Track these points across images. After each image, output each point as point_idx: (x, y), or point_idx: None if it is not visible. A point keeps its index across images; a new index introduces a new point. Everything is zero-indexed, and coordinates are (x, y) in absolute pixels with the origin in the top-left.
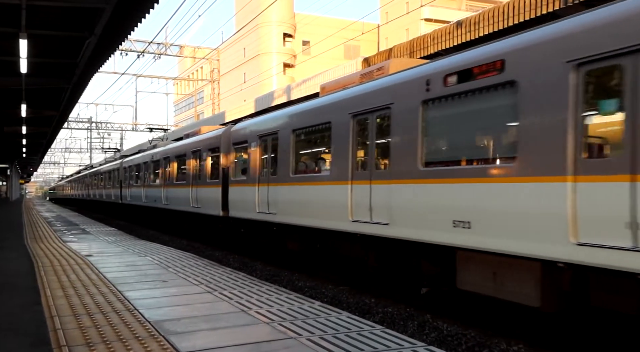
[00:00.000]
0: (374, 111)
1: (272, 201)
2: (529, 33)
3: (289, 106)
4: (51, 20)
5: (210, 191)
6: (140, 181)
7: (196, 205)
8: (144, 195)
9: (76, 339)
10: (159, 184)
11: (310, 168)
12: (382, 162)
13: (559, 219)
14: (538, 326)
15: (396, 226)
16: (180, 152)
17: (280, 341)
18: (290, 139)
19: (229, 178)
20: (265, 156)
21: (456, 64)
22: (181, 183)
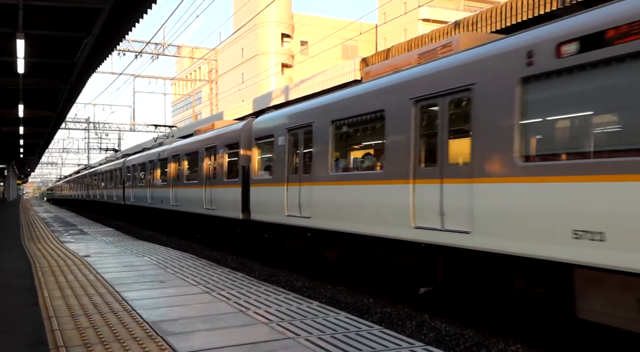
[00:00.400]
0: (446, 95)
1: (305, 202)
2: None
3: (316, 97)
4: (48, 20)
5: (228, 191)
6: (146, 181)
7: (210, 207)
8: (149, 195)
9: (74, 340)
10: (166, 184)
11: (355, 165)
12: (457, 156)
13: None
14: (536, 326)
15: (482, 236)
16: (192, 149)
17: (278, 341)
18: (328, 131)
19: (250, 177)
20: (296, 152)
21: (577, 28)
22: (192, 183)
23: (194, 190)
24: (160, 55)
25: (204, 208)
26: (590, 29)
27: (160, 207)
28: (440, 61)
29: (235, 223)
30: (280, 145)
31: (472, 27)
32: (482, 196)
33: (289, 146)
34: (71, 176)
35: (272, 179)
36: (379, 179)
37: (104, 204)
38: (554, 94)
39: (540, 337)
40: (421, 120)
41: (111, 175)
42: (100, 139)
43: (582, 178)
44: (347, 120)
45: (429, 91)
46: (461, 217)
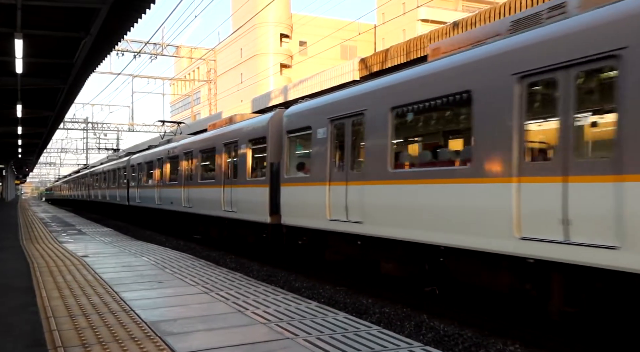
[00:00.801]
0: (576, 65)
1: (355, 205)
2: None
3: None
4: (47, 20)
5: (252, 191)
6: (153, 180)
7: (230, 209)
8: (157, 196)
9: (72, 340)
10: (177, 183)
11: (424, 160)
12: (591, 146)
13: None
14: (534, 326)
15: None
16: (207, 145)
17: (277, 342)
18: (387, 120)
19: (281, 175)
20: (341, 146)
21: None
22: (208, 182)
23: (210, 190)
24: (159, 56)
25: (222, 210)
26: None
27: (170, 209)
28: (563, 23)
29: (261, 227)
30: (320, 138)
31: (470, 27)
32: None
33: (331, 139)
34: (71, 175)
35: (310, 177)
36: (464, 177)
37: (106, 204)
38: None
39: (538, 337)
40: (530, 101)
41: (114, 174)
42: (99, 139)
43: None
44: (413, 106)
45: (543, 63)
46: (600, 227)
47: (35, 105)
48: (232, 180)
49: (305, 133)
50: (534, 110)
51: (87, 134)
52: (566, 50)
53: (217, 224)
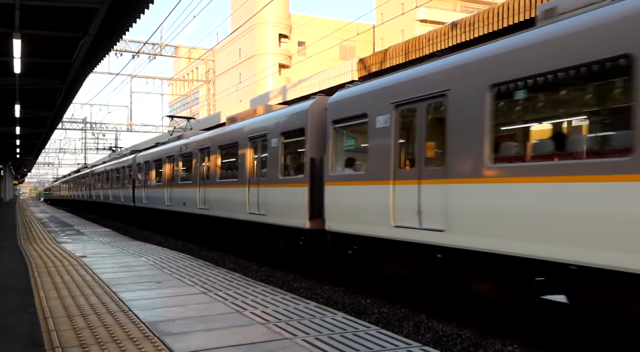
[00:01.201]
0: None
1: (433, 209)
2: None
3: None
4: (45, 20)
5: (287, 192)
6: (163, 180)
7: (257, 211)
8: (168, 197)
9: (70, 341)
10: (191, 183)
11: (544, 150)
12: None
13: None
14: (533, 326)
15: None
16: (228, 140)
17: (275, 342)
18: (483, 101)
19: (325, 173)
20: (409, 136)
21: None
22: (229, 182)
23: (231, 190)
24: (158, 56)
25: (247, 213)
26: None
27: (183, 211)
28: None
29: (296, 233)
30: (381, 127)
31: (469, 28)
32: None
33: (396, 129)
34: (70, 175)
35: (365, 175)
36: (620, 173)
37: (108, 205)
38: None
39: (537, 337)
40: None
41: (118, 173)
42: (97, 140)
43: None
44: (529, 80)
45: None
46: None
47: (34, 105)
48: (260, 179)
49: (359, 122)
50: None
51: (86, 134)
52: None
53: (239, 228)
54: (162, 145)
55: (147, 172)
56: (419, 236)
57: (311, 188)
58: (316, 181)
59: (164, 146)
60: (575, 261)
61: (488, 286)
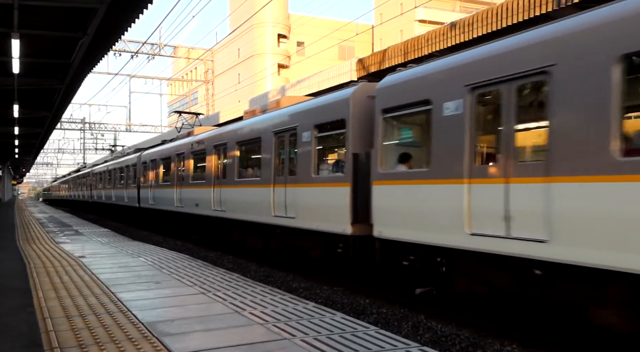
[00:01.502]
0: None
1: (528, 213)
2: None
3: None
4: (44, 20)
5: (322, 192)
6: (172, 179)
7: (284, 214)
8: (177, 197)
9: (69, 341)
10: (205, 182)
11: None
12: None
13: None
14: (531, 327)
15: None
16: (248, 135)
17: (274, 342)
18: (609, 78)
19: (372, 170)
20: (493, 124)
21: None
22: (250, 181)
23: (252, 191)
24: (157, 56)
25: (272, 216)
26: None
27: (194, 213)
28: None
29: (333, 239)
30: (450, 115)
31: (468, 28)
32: None
33: (471, 116)
34: (70, 174)
35: (430, 172)
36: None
37: (110, 206)
38: None
39: (536, 338)
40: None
41: (121, 173)
42: (96, 140)
43: None
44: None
45: None
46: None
47: (32, 105)
48: (288, 178)
49: (418, 110)
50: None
51: (85, 134)
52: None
53: (261, 232)
54: (170, 143)
55: (154, 171)
56: (506, 247)
57: (354, 188)
58: (360, 180)
59: (173, 143)
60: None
61: (614, 314)
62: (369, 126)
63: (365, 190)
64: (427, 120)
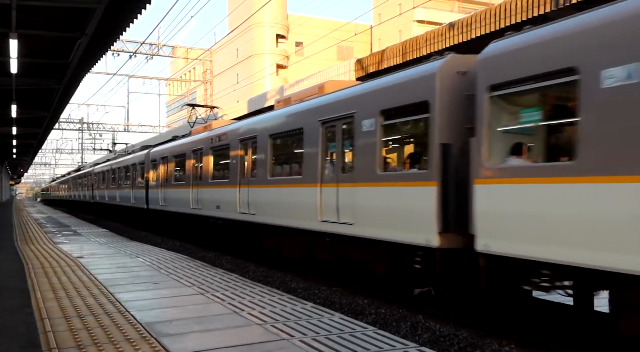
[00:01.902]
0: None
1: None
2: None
3: None
4: (42, 20)
5: (393, 193)
6: (187, 178)
7: (337, 219)
8: (194, 198)
9: (67, 342)
10: (228, 181)
11: None
12: None
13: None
14: (530, 327)
15: None
16: (285, 126)
17: (272, 342)
18: None
19: (475, 165)
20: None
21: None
22: (289, 180)
23: (292, 191)
24: (155, 56)
25: (320, 221)
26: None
27: (215, 216)
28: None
29: (407, 251)
30: (614, 87)
31: (466, 28)
32: None
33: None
34: (70, 174)
35: (577, 166)
36: None
37: (115, 207)
38: None
39: (534, 338)
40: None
41: (127, 172)
42: (94, 140)
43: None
44: None
45: None
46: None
47: (30, 105)
48: (341, 175)
49: (554, 83)
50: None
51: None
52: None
53: (301, 240)
54: (184, 138)
55: (165, 169)
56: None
57: (443, 187)
58: (451, 178)
59: (187, 139)
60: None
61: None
62: (461, 109)
63: (459, 190)
64: (568, 95)
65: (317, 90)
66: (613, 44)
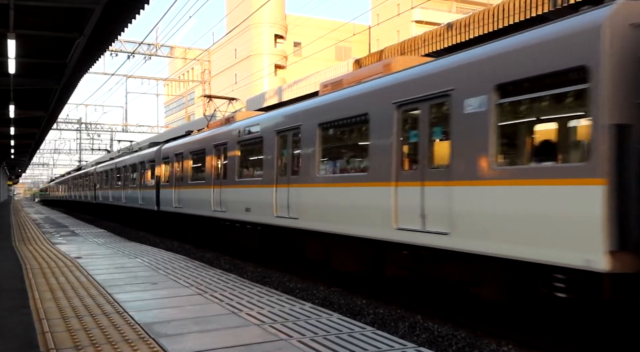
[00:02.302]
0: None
1: None
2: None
3: None
4: (40, 20)
5: (525, 194)
6: (208, 177)
7: (421, 227)
8: (216, 200)
9: (65, 342)
10: (261, 180)
11: None
12: None
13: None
14: (528, 327)
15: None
16: (344, 112)
17: (271, 343)
18: None
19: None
20: None
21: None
22: (345, 178)
23: (350, 191)
24: (153, 56)
25: (395, 229)
26: None
27: (244, 220)
28: None
29: (542, 273)
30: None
31: (464, 29)
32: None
33: None
34: (70, 173)
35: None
36: None
37: (120, 209)
38: None
39: (532, 338)
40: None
41: (134, 170)
42: (92, 140)
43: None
44: None
45: None
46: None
47: (28, 105)
48: (427, 172)
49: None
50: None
51: (81, 134)
52: None
53: (364, 251)
54: (201, 133)
55: (179, 167)
56: None
57: (617, 187)
58: (631, 173)
59: (207, 132)
60: None
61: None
62: (635, 77)
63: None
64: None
65: (381, 69)
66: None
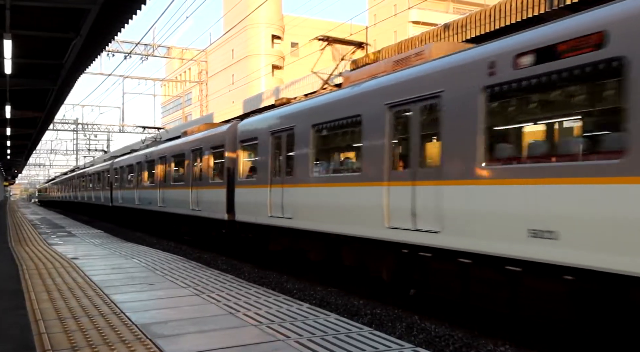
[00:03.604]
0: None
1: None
2: None
3: None
4: (36, 20)
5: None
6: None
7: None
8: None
9: (61, 343)
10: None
11: None
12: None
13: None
14: (526, 327)
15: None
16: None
17: (268, 344)
18: None
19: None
20: None
21: None
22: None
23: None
24: (150, 57)
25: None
26: None
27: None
28: None
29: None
30: None
31: (461, 29)
32: None
33: None
34: (74, 171)
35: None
36: None
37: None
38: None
39: (529, 338)
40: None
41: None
42: (89, 141)
43: None
44: None
45: None
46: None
47: (25, 106)
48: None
49: None
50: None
51: (77, 135)
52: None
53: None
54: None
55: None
56: None
57: None
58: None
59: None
60: None
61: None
62: None
63: None
64: None
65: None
66: None
